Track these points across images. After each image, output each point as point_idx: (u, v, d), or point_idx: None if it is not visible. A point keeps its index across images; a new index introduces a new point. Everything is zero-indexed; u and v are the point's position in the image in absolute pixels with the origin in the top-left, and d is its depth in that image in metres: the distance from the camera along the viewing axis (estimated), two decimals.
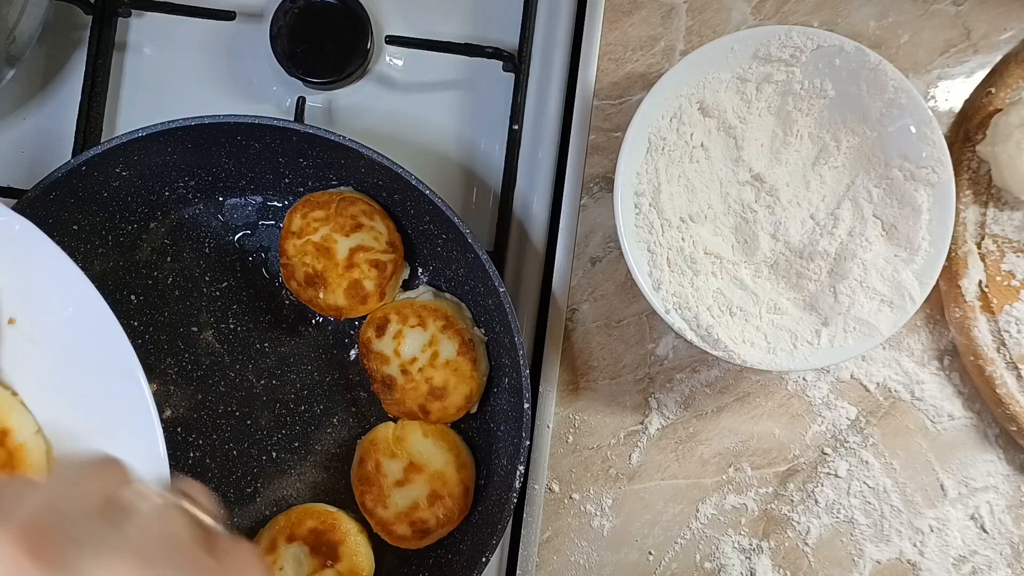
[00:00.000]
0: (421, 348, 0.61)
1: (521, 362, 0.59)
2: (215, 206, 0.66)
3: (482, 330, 0.63)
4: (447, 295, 0.64)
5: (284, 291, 0.66)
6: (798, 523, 0.66)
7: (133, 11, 0.69)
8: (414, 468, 0.61)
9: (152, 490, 0.33)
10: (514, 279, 0.67)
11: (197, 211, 0.66)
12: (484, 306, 0.62)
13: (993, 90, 0.66)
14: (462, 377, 0.61)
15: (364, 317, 0.63)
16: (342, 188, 0.64)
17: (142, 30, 0.70)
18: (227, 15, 0.67)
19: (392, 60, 0.70)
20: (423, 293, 0.64)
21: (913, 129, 0.60)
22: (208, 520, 0.33)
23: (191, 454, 0.65)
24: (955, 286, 0.64)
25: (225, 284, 0.66)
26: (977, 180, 0.65)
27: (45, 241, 0.49)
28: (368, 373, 0.62)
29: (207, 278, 0.65)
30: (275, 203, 0.66)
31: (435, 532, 0.61)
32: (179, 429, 0.65)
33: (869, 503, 0.66)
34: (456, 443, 0.62)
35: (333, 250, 0.61)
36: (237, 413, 0.65)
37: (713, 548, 0.65)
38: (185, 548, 0.31)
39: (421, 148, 0.69)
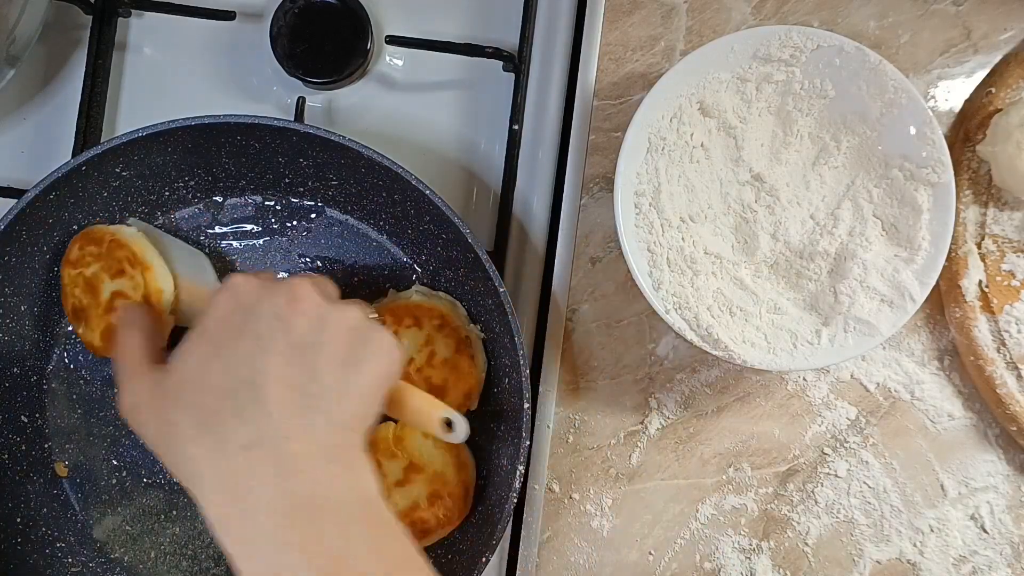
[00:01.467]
0: (418, 348, 0.61)
1: (521, 362, 0.58)
2: (215, 206, 0.66)
3: (478, 326, 0.63)
4: (441, 293, 0.64)
5: None
6: (798, 523, 0.66)
7: (133, 11, 0.69)
8: (414, 468, 0.61)
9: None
10: (514, 279, 0.67)
11: (197, 211, 0.66)
12: (484, 306, 0.62)
13: (993, 90, 0.66)
14: (461, 375, 0.61)
15: None
16: (130, 223, 0.63)
17: (142, 30, 0.70)
18: (227, 15, 0.67)
19: (392, 60, 0.70)
20: (415, 292, 0.64)
21: (913, 129, 0.60)
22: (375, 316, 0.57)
23: None
24: (955, 286, 0.64)
25: None
26: (977, 180, 0.65)
27: None
28: None
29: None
30: (275, 203, 0.66)
31: (435, 532, 0.61)
32: None
33: (869, 503, 0.66)
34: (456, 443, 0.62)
35: (99, 289, 0.59)
36: None
37: (713, 548, 0.65)
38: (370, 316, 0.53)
39: (421, 148, 0.69)
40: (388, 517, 0.48)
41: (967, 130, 0.66)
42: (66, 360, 0.64)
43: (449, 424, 0.55)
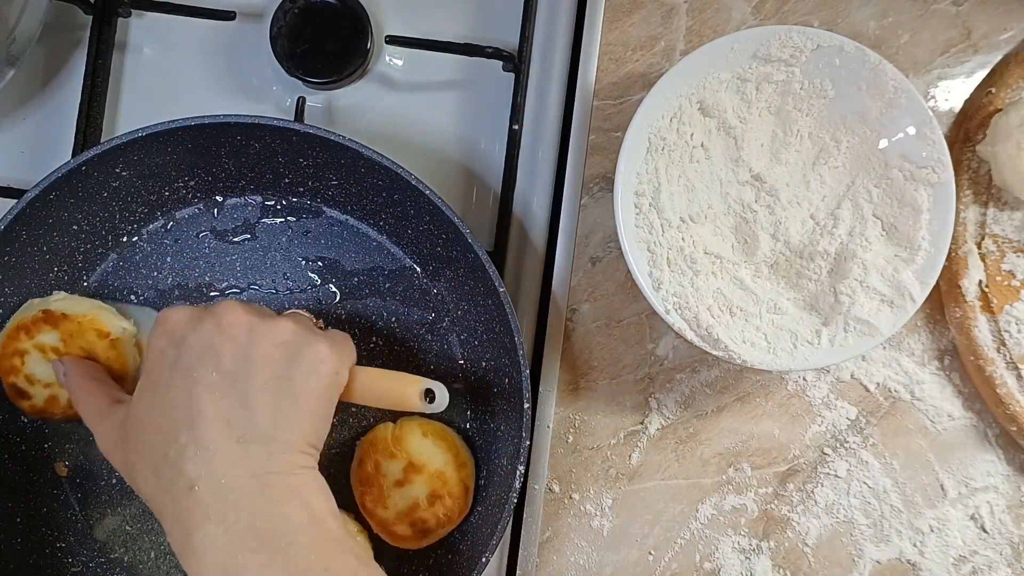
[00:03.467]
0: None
1: (521, 362, 0.59)
2: (215, 206, 0.66)
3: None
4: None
5: None
6: (798, 523, 0.66)
7: (133, 11, 0.69)
8: (413, 468, 0.61)
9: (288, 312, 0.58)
10: (514, 279, 0.67)
11: (197, 211, 0.66)
12: (484, 306, 0.62)
13: (993, 90, 0.66)
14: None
15: None
16: (56, 295, 0.62)
17: (142, 30, 0.70)
18: (227, 15, 0.67)
19: (392, 60, 0.70)
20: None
21: (913, 129, 0.60)
22: (318, 323, 0.60)
23: None
24: (955, 286, 0.64)
25: (225, 284, 0.66)
26: (977, 180, 0.65)
27: None
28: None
29: (207, 278, 0.65)
30: (275, 203, 0.66)
31: (435, 532, 0.61)
32: None
33: (869, 503, 0.66)
34: (455, 443, 0.62)
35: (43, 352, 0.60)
36: None
37: (713, 548, 0.65)
38: (310, 325, 0.54)
39: (421, 148, 0.69)
40: (337, 535, 0.49)
41: (967, 130, 0.66)
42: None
43: (429, 395, 0.55)
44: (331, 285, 0.66)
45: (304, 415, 0.50)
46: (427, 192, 0.59)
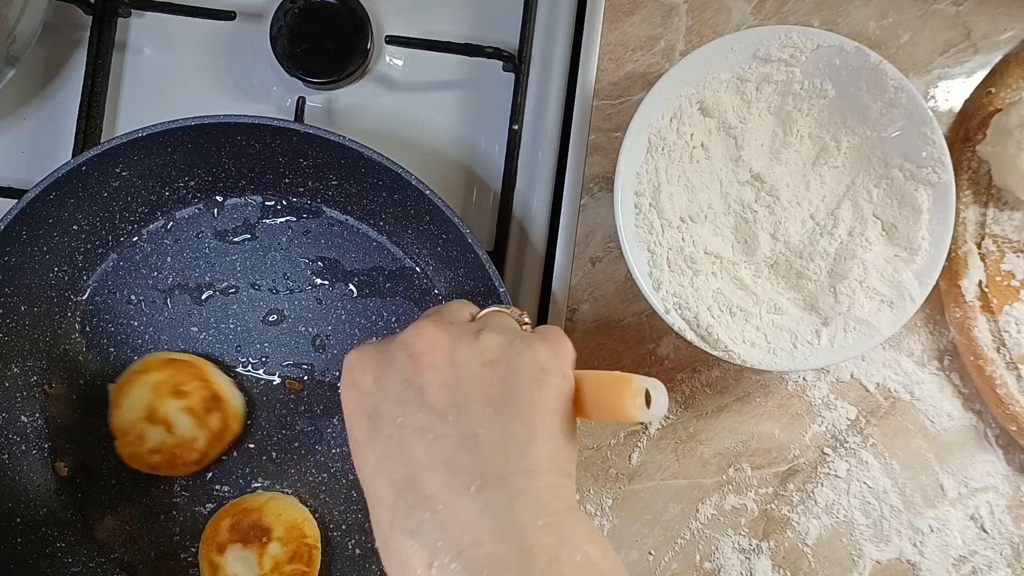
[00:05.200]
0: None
1: None
2: (215, 206, 0.66)
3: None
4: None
5: None
6: (798, 523, 0.66)
7: (133, 11, 0.69)
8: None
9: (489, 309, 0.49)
10: (514, 279, 0.67)
11: (197, 211, 0.66)
12: (484, 306, 0.62)
13: (993, 90, 0.66)
14: None
15: None
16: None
17: (142, 30, 0.70)
18: (227, 15, 0.67)
19: (392, 60, 0.70)
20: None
21: (913, 129, 0.60)
22: (526, 319, 0.49)
23: None
24: (955, 286, 0.64)
25: (225, 284, 0.66)
26: (977, 180, 0.65)
27: None
28: None
29: (207, 278, 0.66)
30: (275, 203, 0.66)
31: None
32: None
33: (869, 503, 0.66)
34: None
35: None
36: None
37: (713, 548, 0.65)
38: (515, 327, 0.46)
39: (421, 148, 0.69)
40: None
41: (967, 130, 0.66)
42: (66, 360, 0.64)
43: (646, 398, 0.43)
44: (331, 285, 0.66)
45: (540, 437, 0.41)
46: (427, 192, 0.59)
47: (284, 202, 0.66)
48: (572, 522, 0.39)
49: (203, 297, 0.66)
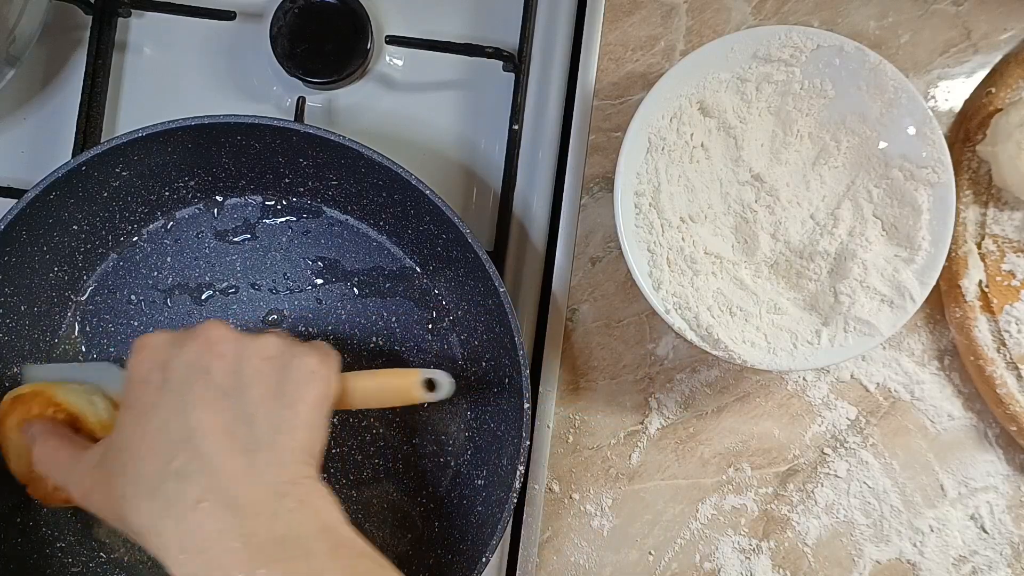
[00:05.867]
0: None
1: (521, 362, 0.58)
2: (215, 206, 0.66)
3: None
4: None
5: None
6: (798, 523, 0.66)
7: (133, 11, 0.69)
8: None
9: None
10: (514, 279, 0.67)
11: (197, 211, 0.66)
12: (484, 306, 0.62)
13: (993, 90, 0.66)
14: None
15: None
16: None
17: (142, 30, 0.70)
18: (227, 15, 0.67)
19: (392, 60, 0.70)
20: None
21: (913, 129, 0.60)
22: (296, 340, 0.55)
23: None
24: (955, 286, 0.64)
25: (225, 284, 0.66)
26: (977, 180, 0.65)
27: None
28: None
29: (207, 278, 0.66)
30: (275, 203, 0.66)
31: None
32: None
33: (869, 503, 0.66)
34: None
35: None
36: None
37: (713, 548, 0.66)
38: (292, 339, 0.53)
39: (421, 148, 0.69)
40: (352, 540, 0.48)
41: (967, 130, 0.66)
42: (66, 360, 0.64)
43: (430, 384, 0.55)
44: (331, 285, 0.66)
45: (305, 427, 0.50)
46: (427, 192, 0.59)
47: (284, 202, 0.66)
48: (315, 487, 0.49)
49: (203, 297, 0.66)
